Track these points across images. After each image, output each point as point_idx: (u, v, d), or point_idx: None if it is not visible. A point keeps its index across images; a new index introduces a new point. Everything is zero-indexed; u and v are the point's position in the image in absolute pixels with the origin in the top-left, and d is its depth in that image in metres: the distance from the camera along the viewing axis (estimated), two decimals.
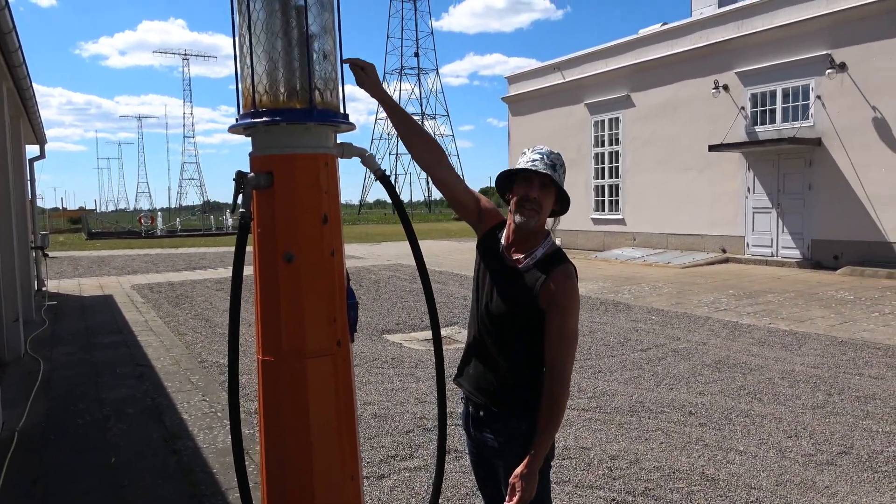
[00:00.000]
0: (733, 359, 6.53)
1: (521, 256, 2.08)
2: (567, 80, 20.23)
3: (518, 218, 2.04)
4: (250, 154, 1.92)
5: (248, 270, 1.92)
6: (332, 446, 1.96)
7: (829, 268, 13.32)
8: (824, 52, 13.43)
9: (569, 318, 1.97)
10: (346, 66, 2.00)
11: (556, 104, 20.76)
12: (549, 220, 2.16)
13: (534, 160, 2.03)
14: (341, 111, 1.97)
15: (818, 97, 13.66)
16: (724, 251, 15.67)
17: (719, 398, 5.26)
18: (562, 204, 2.11)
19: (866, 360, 6.36)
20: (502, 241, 2.14)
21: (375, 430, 4.61)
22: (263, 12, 1.82)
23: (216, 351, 7.33)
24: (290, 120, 1.82)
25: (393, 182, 2.17)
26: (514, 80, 22.97)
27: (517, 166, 2.07)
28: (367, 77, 2.03)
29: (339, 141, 2.01)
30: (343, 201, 2.96)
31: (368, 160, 2.08)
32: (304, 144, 1.86)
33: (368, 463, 4.05)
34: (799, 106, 14.13)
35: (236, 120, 1.90)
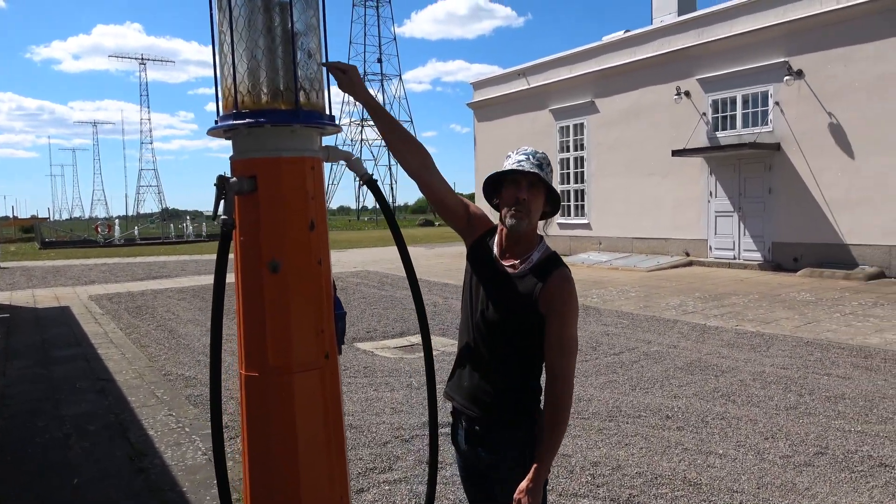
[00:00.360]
0: (704, 361, 6.59)
1: (515, 262, 2.02)
2: (532, 86, 20.37)
3: (509, 221, 1.98)
4: (231, 158, 1.81)
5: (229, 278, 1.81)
6: (320, 466, 1.86)
7: (790, 270, 13.64)
8: (782, 60, 13.78)
9: (568, 323, 1.93)
10: None
11: (521, 110, 20.87)
12: (541, 223, 2.11)
13: (520, 161, 1.97)
14: (327, 112, 1.88)
15: (777, 103, 14.01)
16: (687, 254, 15.92)
17: (694, 401, 5.29)
18: (552, 204, 2.06)
19: (833, 360, 6.48)
20: (494, 247, 2.08)
21: (352, 442, 4.49)
22: (246, 8, 1.72)
23: (181, 363, 7.10)
24: (274, 122, 1.73)
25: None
26: (479, 85, 23.04)
27: (503, 168, 2.01)
28: (348, 79, 1.93)
29: (323, 144, 1.93)
30: None
31: (355, 164, 1.99)
32: (289, 147, 1.77)
33: None
34: (758, 112, 14.46)
35: (216, 122, 1.80)
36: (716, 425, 4.70)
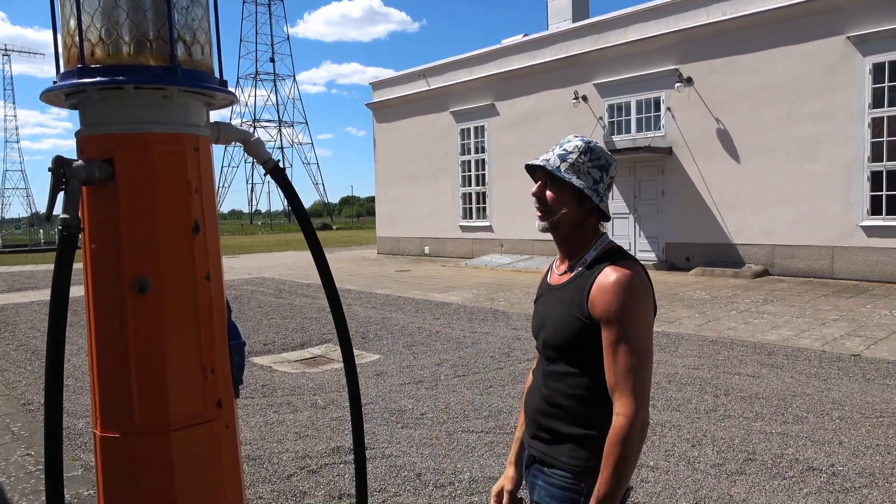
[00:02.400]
0: None
1: (566, 269, 1.76)
2: (432, 87, 20.13)
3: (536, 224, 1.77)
4: (78, 133, 1.30)
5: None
6: None
7: (683, 269, 14.15)
8: (673, 67, 14.30)
9: (626, 328, 1.56)
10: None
11: (421, 111, 20.59)
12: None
13: (547, 153, 1.75)
14: (217, 75, 1.40)
15: (668, 109, 14.52)
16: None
17: None
18: (580, 198, 1.68)
19: (739, 358, 6.57)
20: (555, 266, 1.83)
21: (250, 478, 3.92)
22: None
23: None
24: (139, 82, 1.23)
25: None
26: (378, 86, 22.55)
27: None
28: None
29: (213, 119, 1.45)
30: None
31: (255, 147, 1.50)
32: (162, 119, 1.27)
33: None
34: (651, 117, 14.94)
35: (54, 82, 1.28)
36: None
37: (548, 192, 1.71)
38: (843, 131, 12.06)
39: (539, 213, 1.73)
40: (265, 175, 1.52)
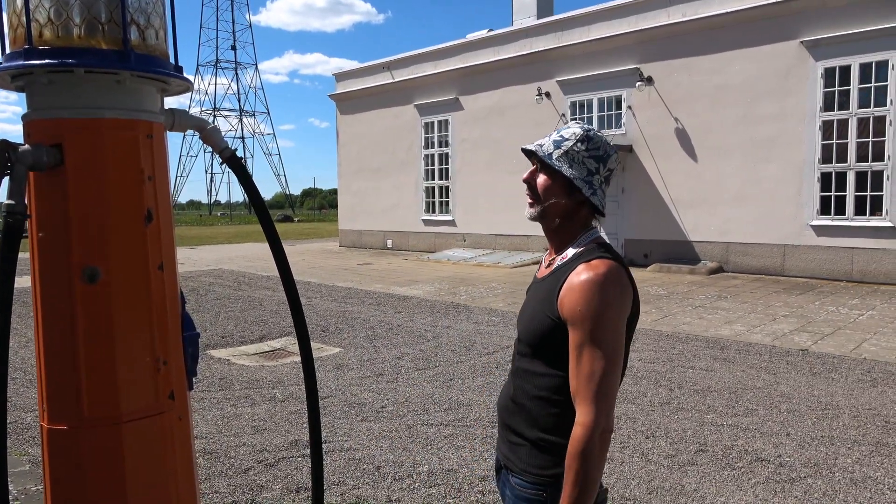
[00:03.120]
0: None
1: (550, 261, 1.70)
2: (397, 80, 20.04)
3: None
4: (25, 117, 1.26)
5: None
6: None
7: (641, 265, 14.41)
8: (634, 66, 14.52)
9: (592, 331, 1.44)
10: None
11: (386, 104, 20.48)
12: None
13: (544, 138, 1.67)
14: (172, 61, 1.37)
15: (629, 107, 14.74)
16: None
17: None
18: (571, 188, 1.59)
19: (693, 352, 6.74)
20: (545, 258, 1.79)
21: (206, 472, 3.86)
22: None
23: None
24: (90, 66, 1.20)
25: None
26: (342, 77, 22.34)
27: None
28: None
29: (167, 106, 1.42)
30: None
31: (211, 135, 1.48)
32: (114, 105, 1.24)
33: None
34: (613, 115, 15.15)
35: None
36: None
37: (539, 179, 1.64)
38: (796, 133, 12.44)
39: (529, 200, 1.67)
40: (222, 165, 1.50)
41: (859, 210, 11.93)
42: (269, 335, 7.92)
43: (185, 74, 1.36)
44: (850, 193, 11.97)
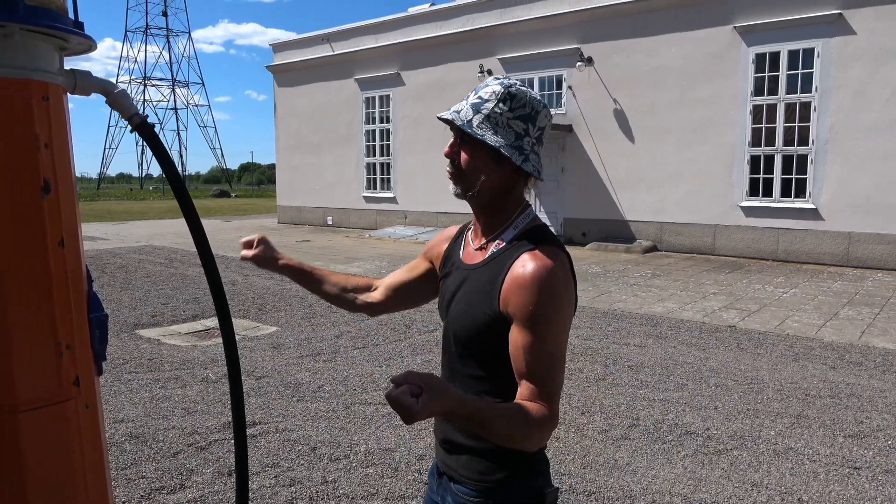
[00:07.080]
0: None
1: (481, 245, 1.49)
2: (337, 52, 19.59)
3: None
4: None
5: None
6: None
7: (579, 243, 14.67)
8: (575, 46, 14.62)
9: (541, 331, 1.31)
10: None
11: (326, 77, 20.02)
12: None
13: (460, 102, 1.42)
14: (70, 15, 1.24)
15: (570, 87, 14.87)
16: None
17: None
18: (497, 158, 1.38)
19: (628, 329, 6.90)
20: (470, 237, 1.56)
21: (132, 457, 3.70)
22: None
23: None
24: None
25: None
26: (279, 48, 21.68)
27: None
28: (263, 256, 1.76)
29: (69, 67, 1.28)
30: (77, 174, 2.11)
31: (118, 99, 1.34)
32: (1, 62, 1.11)
33: (125, 502, 3.19)
34: (554, 94, 15.25)
35: None
36: None
37: (462, 153, 1.40)
38: (728, 116, 12.83)
39: (450, 176, 1.43)
40: (132, 132, 1.37)
41: (785, 192, 12.45)
42: (203, 314, 7.67)
43: (84, 31, 1.23)
44: (777, 176, 12.47)
